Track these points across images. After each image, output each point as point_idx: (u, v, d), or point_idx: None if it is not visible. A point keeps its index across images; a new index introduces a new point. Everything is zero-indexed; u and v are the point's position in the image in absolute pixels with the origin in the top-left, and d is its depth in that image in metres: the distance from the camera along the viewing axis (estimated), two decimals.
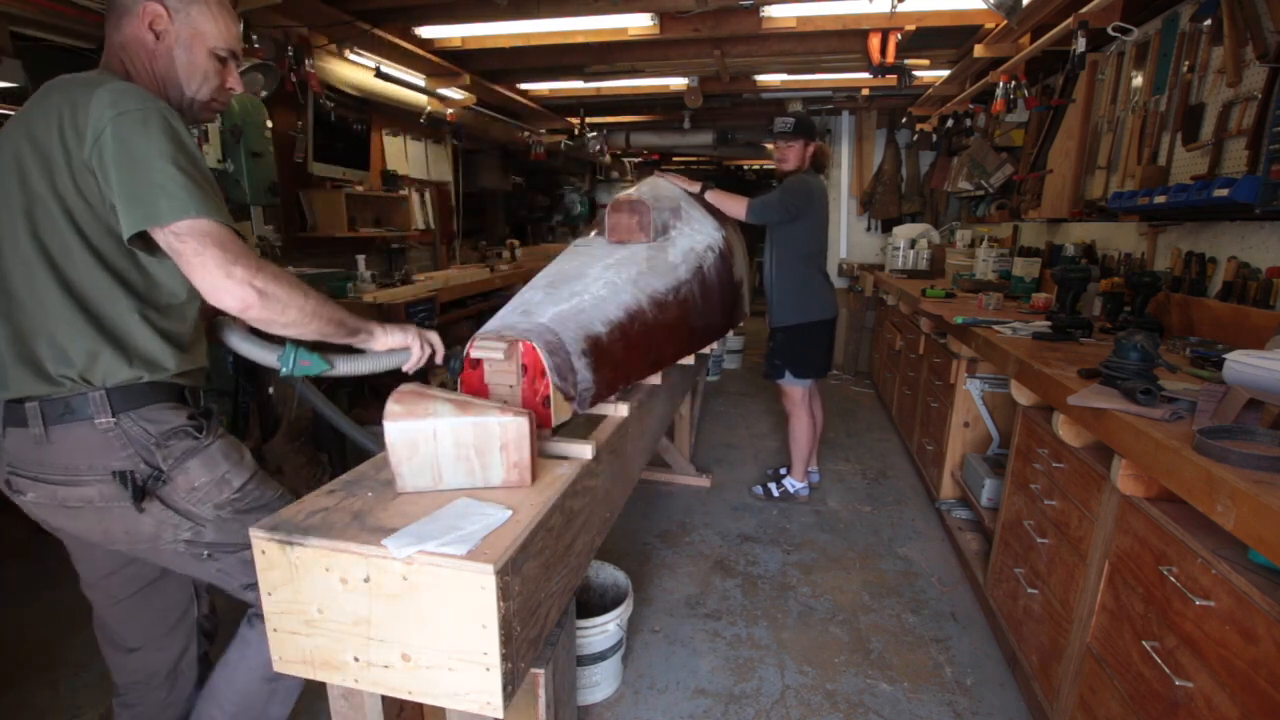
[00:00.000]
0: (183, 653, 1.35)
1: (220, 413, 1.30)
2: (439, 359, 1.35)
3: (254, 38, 2.80)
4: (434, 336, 1.34)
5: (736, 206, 2.76)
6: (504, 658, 0.98)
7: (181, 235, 0.97)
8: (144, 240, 1.02)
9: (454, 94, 4.55)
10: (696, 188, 2.69)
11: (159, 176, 0.97)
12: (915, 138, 5.58)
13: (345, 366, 1.27)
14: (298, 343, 1.23)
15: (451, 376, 1.36)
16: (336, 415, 1.37)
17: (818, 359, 3.03)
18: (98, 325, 1.06)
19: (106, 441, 1.08)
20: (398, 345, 1.29)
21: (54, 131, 1.00)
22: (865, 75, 4.42)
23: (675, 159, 9.19)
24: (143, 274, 1.09)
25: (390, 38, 3.53)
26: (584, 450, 1.34)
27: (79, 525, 1.14)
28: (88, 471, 1.08)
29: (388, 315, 3.30)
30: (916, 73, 4.15)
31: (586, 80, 4.81)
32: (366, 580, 0.99)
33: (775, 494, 3.27)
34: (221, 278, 0.98)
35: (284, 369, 1.22)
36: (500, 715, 1.01)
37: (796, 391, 3.10)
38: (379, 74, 3.85)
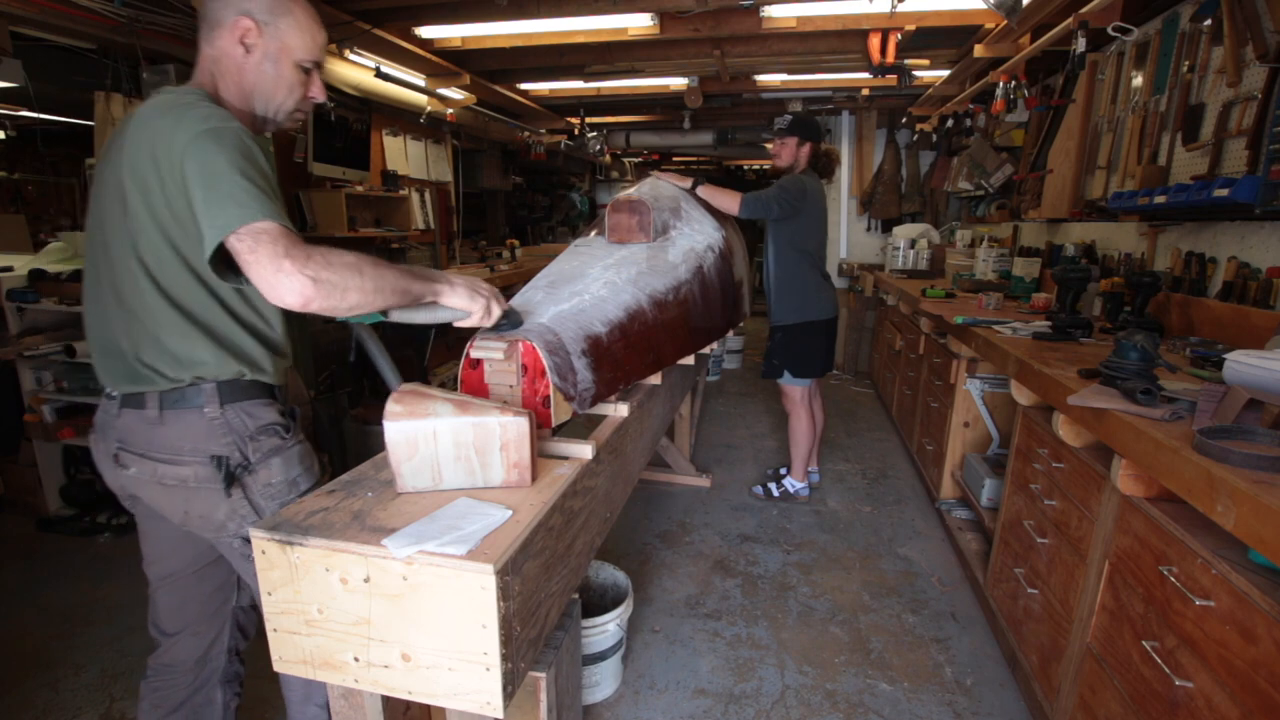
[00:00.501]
0: (214, 640, 1.41)
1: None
2: (490, 322, 1.32)
3: None
4: (496, 307, 1.30)
5: (729, 201, 2.72)
6: (504, 658, 0.98)
7: (241, 236, 1.01)
8: (224, 263, 1.06)
9: (454, 94, 4.55)
10: (688, 184, 2.66)
11: (228, 187, 1.01)
12: (915, 138, 5.58)
13: (400, 315, 1.25)
14: None
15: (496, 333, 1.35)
16: (381, 356, 1.37)
17: (816, 359, 3.03)
18: (202, 331, 1.15)
19: (211, 428, 1.18)
20: (463, 308, 1.26)
21: (145, 156, 1.06)
22: (865, 75, 4.42)
23: (675, 159, 9.19)
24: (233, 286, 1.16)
25: (390, 38, 3.53)
26: (584, 450, 1.34)
27: (164, 502, 1.23)
28: (189, 454, 1.18)
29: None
30: (916, 73, 4.14)
31: (586, 80, 4.81)
32: (366, 580, 0.99)
33: (775, 494, 3.27)
34: (273, 272, 0.99)
35: (339, 315, 1.21)
36: (500, 715, 1.01)
37: (795, 391, 3.10)
38: (379, 74, 3.85)
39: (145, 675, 1.41)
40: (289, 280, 0.99)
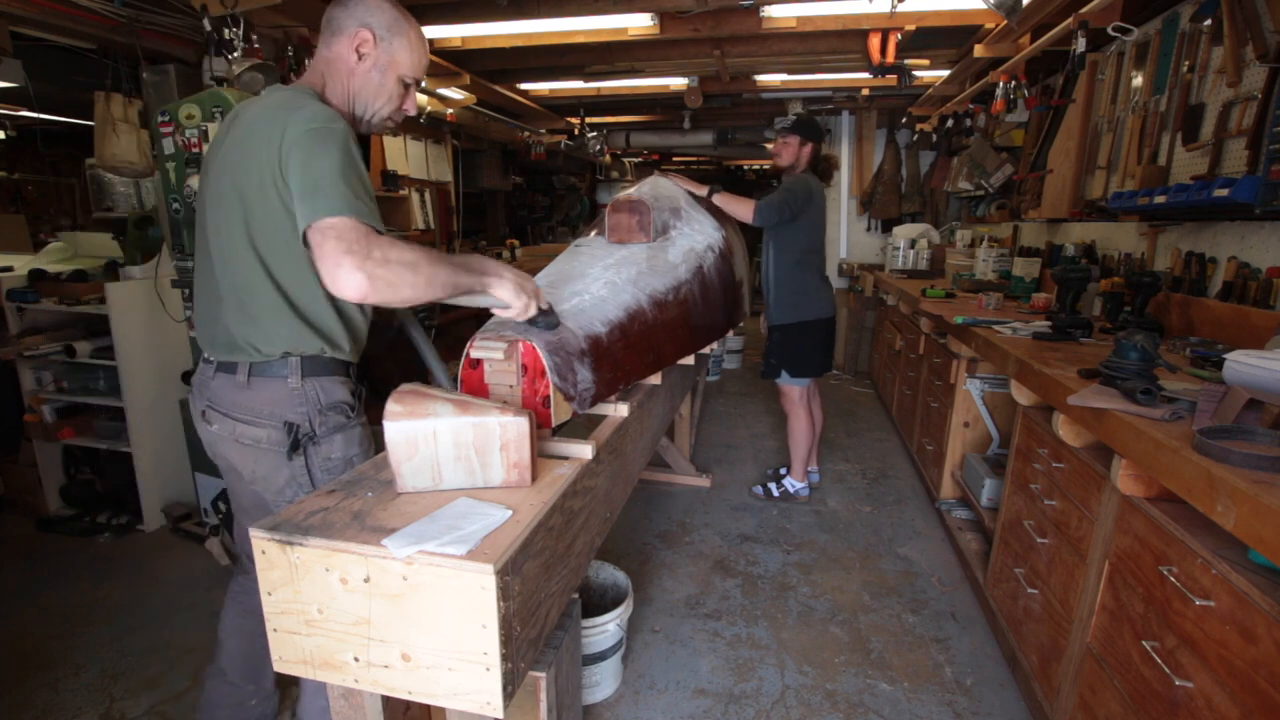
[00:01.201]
0: None
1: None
2: (526, 316, 1.34)
3: (254, 38, 2.81)
4: (534, 305, 1.33)
5: (744, 209, 2.76)
6: (504, 658, 0.98)
7: (313, 230, 1.09)
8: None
9: (454, 94, 4.55)
10: (703, 191, 2.68)
11: (322, 180, 1.10)
12: (915, 138, 5.58)
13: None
14: None
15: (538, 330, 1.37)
16: (426, 346, 1.47)
17: (814, 359, 3.03)
18: (297, 314, 1.26)
19: (290, 397, 1.30)
20: (506, 300, 1.29)
21: (261, 151, 1.16)
22: (865, 75, 4.42)
23: (675, 159, 9.19)
24: None
25: None
26: (584, 450, 1.34)
27: (239, 458, 1.35)
28: (267, 418, 1.30)
29: (388, 316, 3.29)
30: (916, 73, 4.14)
31: (586, 80, 4.81)
32: (366, 580, 0.99)
33: (775, 494, 3.27)
34: (333, 267, 1.07)
35: (395, 307, 1.27)
36: (500, 715, 1.01)
37: (794, 391, 3.10)
38: None
39: (242, 569, 1.56)
40: (347, 275, 1.06)
